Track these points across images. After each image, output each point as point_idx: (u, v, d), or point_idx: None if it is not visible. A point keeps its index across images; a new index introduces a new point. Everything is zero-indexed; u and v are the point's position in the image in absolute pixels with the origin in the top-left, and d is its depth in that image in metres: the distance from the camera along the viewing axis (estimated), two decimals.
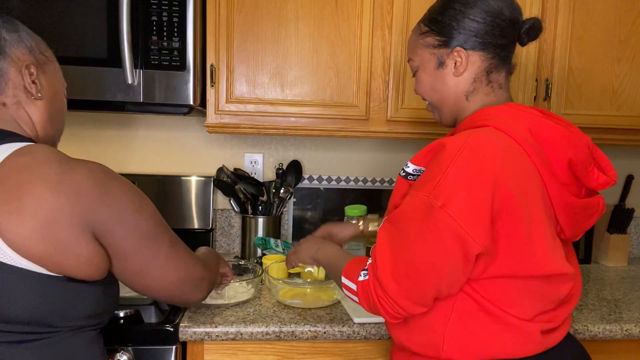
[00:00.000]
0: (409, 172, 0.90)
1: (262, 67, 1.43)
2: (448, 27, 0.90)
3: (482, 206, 0.76)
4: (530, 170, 0.81)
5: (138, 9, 1.28)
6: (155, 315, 1.12)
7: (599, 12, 1.48)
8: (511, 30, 0.90)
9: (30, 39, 0.84)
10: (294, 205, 1.82)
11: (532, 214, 0.80)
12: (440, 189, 0.77)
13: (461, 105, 0.94)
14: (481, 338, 0.84)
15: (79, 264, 0.74)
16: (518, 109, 0.87)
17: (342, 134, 1.48)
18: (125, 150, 1.75)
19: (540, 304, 0.86)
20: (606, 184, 0.87)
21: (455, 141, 0.81)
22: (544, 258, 0.81)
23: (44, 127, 0.85)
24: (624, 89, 1.52)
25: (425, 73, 0.96)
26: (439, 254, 0.78)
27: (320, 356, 1.19)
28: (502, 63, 0.92)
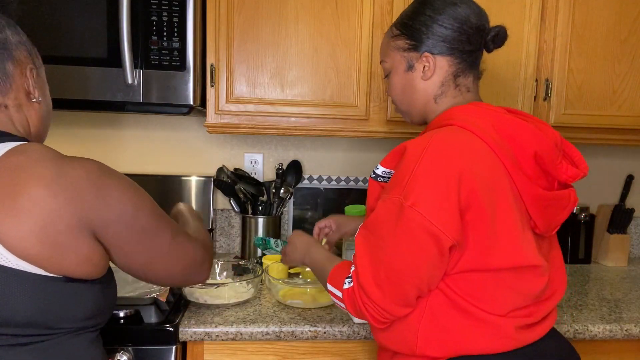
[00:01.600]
0: (378, 174, 0.93)
1: (262, 67, 1.43)
2: (418, 32, 0.94)
3: (449, 201, 0.78)
4: (495, 165, 0.83)
5: (138, 9, 1.28)
6: (155, 315, 1.12)
7: (599, 12, 1.48)
8: (478, 37, 0.93)
9: (28, 42, 0.84)
10: (294, 205, 1.82)
11: (498, 208, 0.82)
12: (409, 189, 0.80)
13: (430, 107, 0.97)
14: (454, 334, 0.85)
15: (79, 263, 0.73)
16: (482, 107, 0.90)
17: (342, 134, 1.48)
18: (125, 150, 1.75)
19: (514, 299, 0.86)
20: (576, 176, 0.90)
21: (419, 142, 0.84)
22: (510, 250, 0.83)
23: (37, 128, 0.85)
24: (624, 89, 1.52)
25: (396, 75, 1.00)
26: (415, 252, 0.80)
27: (320, 356, 1.19)
28: (469, 68, 0.95)
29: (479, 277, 0.84)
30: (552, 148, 0.86)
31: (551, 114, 1.50)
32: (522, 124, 0.86)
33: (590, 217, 1.84)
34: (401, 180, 0.82)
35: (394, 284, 0.82)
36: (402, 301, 0.83)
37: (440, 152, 0.81)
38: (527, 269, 0.85)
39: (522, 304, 0.87)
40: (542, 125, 0.91)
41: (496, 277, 0.84)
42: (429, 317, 0.86)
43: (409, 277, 0.81)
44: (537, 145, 0.84)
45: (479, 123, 0.85)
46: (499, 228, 0.82)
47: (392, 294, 0.82)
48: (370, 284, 0.83)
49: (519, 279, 0.85)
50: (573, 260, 1.84)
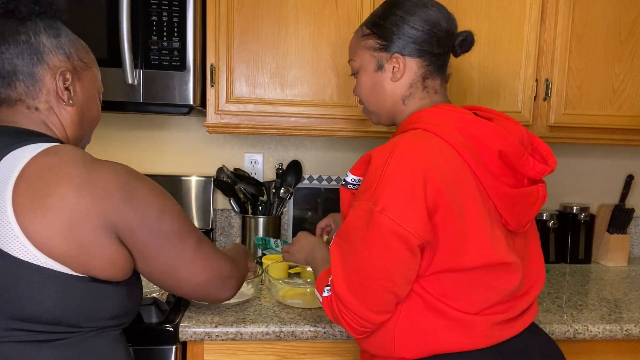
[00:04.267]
0: (348, 182, 0.94)
1: (262, 67, 1.43)
2: (389, 32, 0.94)
3: (417, 203, 0.79)
4: (460, 166, 0.83)
5: (138, 9, 1.28)
6: (155, 315, 1.12)
7: (599, 12, 1.48)
8: (447, 40, 0.94)
9: (70, 45, 0.84)
10: (294, 205, 1.82)
11: (466, 208, 0.82)
12: (378, 194, 0.80)
13: (399, 109, 0.97)
14: (429, 335, 0.86)
15: (103, 265, 0.74)
16: (446, 109, 0.91)
17: (342, 134, 1.48)
18: (125, 150, 1.75)
19: (487, 296, 0.87)
20: (543, 171, 0.90)
21: (384, 148, 0.85)
22: (480, 248, 0.83)
23: (73, 130, 0.86)
24: (624, 89, 1.52)
25: (365, 75, 0.99)
26: (386, 256, 0.80)
27: (320, 356, 1.19)
28: (437, 71, 0.96)
29: (452, 277, 0.85)
30: (517, 145, 0.86)
31: (551, 114, 1.50)
32: (484, 124, 0.87)
33: (590, 217, 1.84)
34: (370, 187, 0.83)
35: (368, 290, 0.82)
36: (378, 307, 0.83)
37: (404, 156, 0.82)
38: (498, 267, 0.86)
39: (496, 300, 0.88)
40: (508, 123, 0.92)
41: (468, 276, 0.85)
42: (405, 319, 0.87)
43: (383, 282, 0.82)
44: (501, 143, 0.85)
45: (442, 125, 0.86)
46: (468, 228, 0.83)
47: (367, 300, 0.83)
48: (345, 292, 0.83)
49: (491, 276, 0.86)
50: (573, 260, 1.84)
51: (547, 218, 1.81)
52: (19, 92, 0.80)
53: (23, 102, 0.81)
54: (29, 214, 0.69)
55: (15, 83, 0.80)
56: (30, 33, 0.80)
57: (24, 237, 0.69)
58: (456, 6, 1.44)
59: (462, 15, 1.44)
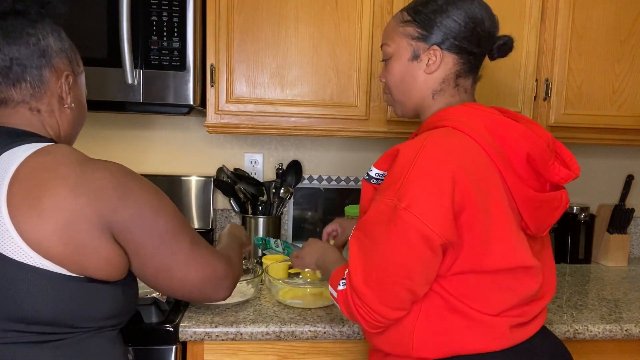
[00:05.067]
0: (372, 176, 0.93)
1: (262, 67, 1.43)
2: (430, 22, 0.91)
3: (443, 203, 0.78)
4: (488, 166, 0.83)
5: (138, 9, 1.28)
6: (155, 315, 1.12)
7: (599, 12, 1.48)
8: (487, 41, 0.93)
9: (70, 49, 0.86)
10: (294, 205, 1.82)
11: (492, 209, 0.82)
12: (404, 190, 0.79)
13: (426, 103, 0.96)
14: (449, 335, 0.85)
15: (99, 264, 0.74)
16: (475, 108, 0.90)
17: (342, 134, 1.48)
18: (125, 150, 1.75)
19: (509, 299, 0.86)
20: (568, 177, 0.89)
21: (412, 144, 0.84)
22: (504, 252, 0.83)
23: (67, 132, 0.88)
24: (624, 89, 1.52)
25: (398, 62, 0.96)
26: (407, 253, 0.79)
27: (320, 356, 1.19)
28: (471, 70, 0.95)
29: (474, 279, 0.84)
30: (545, 149, 0.86)
31: (551, 114, 1.50)
32: (514, 125, 0.86)
33: (590, 217, 1.84)
34: (395, 182, 0.82)
35: (385, 285, 0.81)
36: (394, 304, 0.82)
37: (433, 154, 0.81)
38: (521, 270, 0.85)
39: (515, 304, 0.87)
40: (534, 126, 0.91)
41: (491, 278, 0.84)
42: (424, 319, 0.86)
43: (401, 279, 0.81)
44: (530, 146, 0.84)
45: (472, 124, 0.85)
46: (494, 229, 0.82)
47: (383, 296, 0.82)
48: (362, 286, 0.82)
49: (514, 279, 0.86)
50: (573, 260, 1.84)
51: None
52: (24, 93, 0.80)
53: (26, 104, 0.81)
54: (24, 214, 0.69)
55: (21, 84, 0.80)
56: (39, 35, 0.80)
57: (19, 238, 0.69)
58: None
59: None
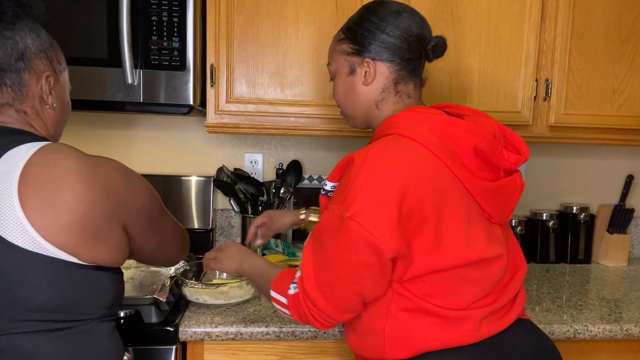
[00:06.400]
0: (328, 190, 0.95)
1: (262, 67, 1.43)
2: (361, 37, 0.96)
3: (389, 212, 0.80)
4: (437, 167, 0.84)
5: (138, 9, 1.28)
6: (155, 315, 1.12)
7: (599, 11, 1.48)
8: (418, 45, 0.95)
9: (50, 47, 0.86)
10: (294, 205, 1.82)
11: (444, 210, 0.83)
12: (350, 200, 0.81)
13: (373, 113, 0.99)
14: (418, 334, 0.87)
15: (111, 251, 0.79)
16: (418, 112, 0.92)
17: (342, 134, 1.48)
18: (125, 150, 1.75)
19: (475, 290, 0.88)
20: (518, 161, 0.91)
21: (359, 154, 0.86)
22: (455, 250, 0.84)
23: (54, 130, 0.90)
24: (624, 89, 1.52)
25: (339, 79, 1.01)
26: (355, 261, 0.82)
27: (320, 356, 1.19)
28: (409, 75, 0.97)
29: (434, 278, 0.85)
30: (490, 140, 0.87)
31: (551, 114, 1.50)
32: (456, 122, 0.88)
33: (590, 217, 1.84)
34: (342, 191, 0.84)
35: (336, 291, 0.85)
36: (344, 307, 0.86)
37: (378, 163, 0.82)
38: (478, 263, 0.87)
39: (482, 294, 0.89)
40: (479, 118, 0.93)
41: (451, 274, 0.85)
42: (393, 321, 0.87)
43: (350, 285, 0.84)
44: (475, 139, 0.86)
45: (416, 129, 0.87)
46: (445, 228, 0.83)
47: (333, 300, 0.85)
48: (314, 289, 0.85)
49: (476, 271, 0.87)
50: (573, 260, 1.84)
51: (547, 218, 1.81)
52: (7, 97, 0.81)
53: (11, 106, 0.82)
54: (38, 208, 0.72)
55: (2, 88, 0.81)
56: (16, 38, 0.80)
57: (34, 230, 0.71)
58: (456, 6, 1.44)
59: (462, 15, 1.44)
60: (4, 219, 0.71)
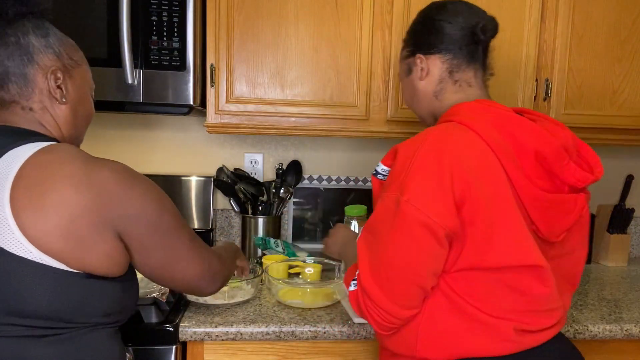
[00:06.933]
0: (378, 171, 0.96)
1: (262, 67, 1.43)
2: (412, 38, 1.02)
3: (444, 194, 0.79)
4: (491, 162, 0.82)
5: (138, 9, 1.28)
6: (155, 315, 1.12)
7: (599, 12, 1.48)
8: (466, 31, 0.95)
9: (58, 43, 0.85)
10: (294, 205, 1.82)
11: (495, 204, 0.81)
12: (405, 184, 0.80)
13: (435, 105, 1.00)
14: (453, 336, 0.85)
15: (100, 260, 0.75)
16: (486, 105, 0.91)
17: (342, 134, 1.48)
18: (125, 150, 1.75)
19: (515, 301, 0.85)
20: (585, 179, 0.87)
21: (414, 139, 0.86)
22: (508, 248, 0.82)
23: (68, 129, 0.87)
24: (624, 89, 1.52)
25: (402, 82, 1.08)
26: (412, 246, 0.80)
27: (320, 356, 1.19)
28: (466, 63, 0.97)
29: (478, 276, 0.83)
30: (557, 149, 0.84)
31: (551, 114, 1.50)
32: (524, 123, 0.85)
33: (590, 217, 1.84)
34: (397, 177, 0.83)
35: (394, 283, 0.81)
36: (404, 301, 0.82)
37: (433, 147, 0.82)
38: (527, 270, 0.83)
39: (522, 308, 0.85)
40: (553, 126, 0.90)
41: (496, 276, 0.83)
42: (428, 319, 0.86)
43: (410, 274, 0.81)
44: (539, 144, 0.83)
45: (478, 120, 0.85)
46: (497, 225, 0.81)
47: (392, 293, 0.82)
48: (371, 284, 0.82)
49: (519, 280, 0.84)
50: None
51: None
52: (12, 93, 0.81)
53: (17, 103, 0.81)
54: (27, 211, 0.70)
55: (7, 85, 0.80)
56: (18, 34, 0.80)
57: (20, 233, 0.70)
58: None
59: None
60: None
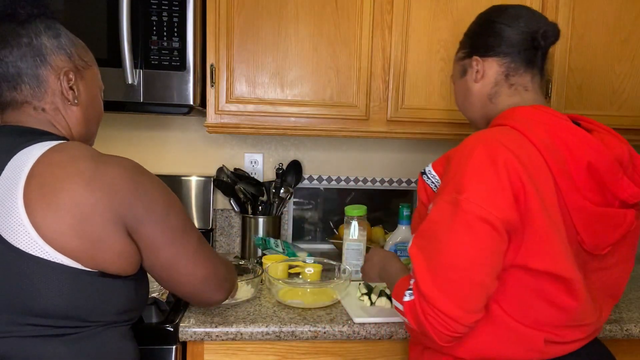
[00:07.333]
0: (426, 172, 0.95)
1: (262, 67, 1.43)
2: (469, 40, 1.02)
3: (503, 189, 0.78)
4: (542, 170, 0.82)
5: (138, 9, 1.28)
6: (155, 315, 1.12)
7: (599, 11, 1.48)
8: (526, 35, 0.95)
9: (70, 44, 0.85)
10: (294, 205, 1.82)
11: (543, 208, 0.80)
12: (462, 184, 0.80)
13: (489, 108, 1.00)
14: (483, 338, 0.85)
15: (113, 258, 0.75)
16: (541, 111, 0.90)
17: (342, 134, 1.48)
18: (126, 150, 1.75)
19: (544, 312, 0.84)
20: (637, 195, 0.85)
21: (466, 141, 0.86)
22: (547, 253, 0.81)
23: (78, 129, 0.88)
24: (624, 89, 1.52)
25: (455, 83, 1.07)
26: (474, 244, 0.78)
27: (320, 356, 1.19)
28: (523, 67, 0.96)
29: (518, 278, 0.82)
30: (611, 162, 0.83)
31: None
32: (579, 132, 0.84)
33: None
34: (452, 179, 0.82)
35: (457, 284, 0.78)
36: (468, 304, 0.78)
37: (487, 148, 0.81)
38: (560, 280, 0.82)
39: (557, 321, 0.85)
40: (610, 138, 0.89)
41: (532, 281, 0.82)
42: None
43: (472, 274, 0.78)
44: (592, 155, 0.82)
45: (532, 126, 0.85)
46: (545, 229, 0.80)
47: (457, 297, 0.78)
48: (432, 290, 0.79)
49: (552, 289, 0.83)
50: None
51: None
52: (25, 94, 0.81)
53: (30, 104, 0.82)
54: (40, 210, 0.71)
55: (20, 86, 0.81)
56: (31, 35, 0.80)
57: (36, 233, 0.70)
58: (456, 6, 1.44)
59: (462, 15, 1.44)
60: (8, 220, 0.70)
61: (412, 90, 1.47)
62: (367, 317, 1.18)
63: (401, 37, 1.44)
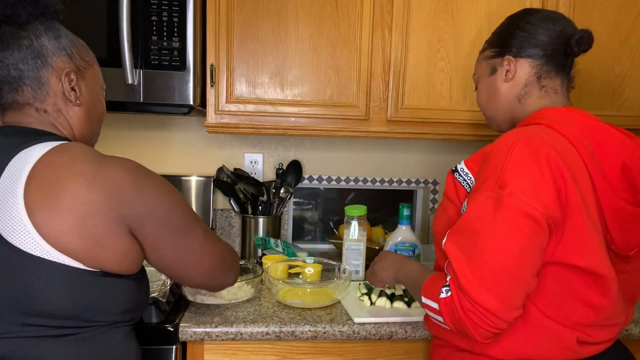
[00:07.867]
0: (457, 169, 0.93)
1: (262, 67, 1.43)
2: (501, 39, 1.01)
3: (546, 184, 0.78)
4: (580, 168, 0.82)
5: (138, 9, 1.28)
6: (155, 315, 1.12)
7: (599, 12, 1.48)
8: (561, 39, 0.95)
9: (71, 45, 0.85)
10: (294, 205, 1.82)
11: (582, 205, 0.80)
12: (504, 179, 0.79)
13: (516, 108, 0.99)
14: (515, 337, 0.85)
15: (115, 258, 0.75)
16: (575, 112, 0.90)
17: (342, 134, 1.48)
18: (126, 150, 1.75)
19: (579, 311, 0.84)
20: None
21: (507, 137, 0.85)
22: (589, 250, 0.81)
23: (80, 130, 0.88)
24: (624, 89, 1.52)
25: (481, 82, 1.06)
26: (518, 239, 0.77)
27: (320, 356, 1.19)
28: (555, 70, 0.97)
29: (555, 275, 0.82)
30: None
31: None
32: (613, 134, 0.85)
33: None
34: (493, 174, 0.81)
35: (500, 280, 0.77)
36: (510, 299, 0.78)
37: (528, 144, 0.81)
38: (594, 277, 0.83)
39: (589, 321, 0.85)
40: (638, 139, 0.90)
41: (568, 278, 0.82)
42: None
43: (515, 269, 0.77)
44: (627, 156, 0.83)
45: (567, 125, 0.85)
46: (584, 225, 0.80)
47: (499, 292, 0.77)
48: (474, 285, 0.77)
49: (586, 285, 0.83)
50: None
51: None
52: (27, 96, 0.81)
53: (31, 106, 0.82)
54: (41, 210, 0.70)
55: (22, 88, 0.80)
56: (32, 37, 0.80)
57: (36, 233, 0.70)
58: (456, 6, 1.44)
59: (462, 15, 1.45)
60: (8, 221, 0.70)
61: (412, 90, 1.47)
62: (367, 317, 1.18)
63: (401, 37, 1.44)
